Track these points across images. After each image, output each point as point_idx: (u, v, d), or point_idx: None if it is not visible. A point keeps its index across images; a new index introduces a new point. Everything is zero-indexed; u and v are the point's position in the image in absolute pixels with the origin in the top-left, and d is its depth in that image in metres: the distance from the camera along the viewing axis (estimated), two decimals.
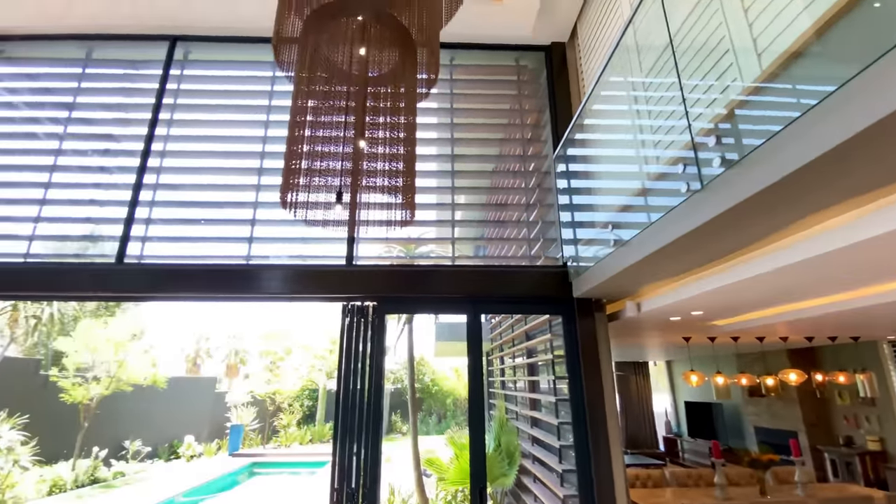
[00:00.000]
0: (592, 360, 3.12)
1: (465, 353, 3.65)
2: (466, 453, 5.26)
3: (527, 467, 4.70)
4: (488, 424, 6.22)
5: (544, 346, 4.27)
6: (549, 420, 4.08)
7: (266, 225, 3.44)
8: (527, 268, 3.36)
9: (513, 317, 5.05)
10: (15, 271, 3.24)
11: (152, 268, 3.25)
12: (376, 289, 3.28)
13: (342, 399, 3.16)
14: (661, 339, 6.18)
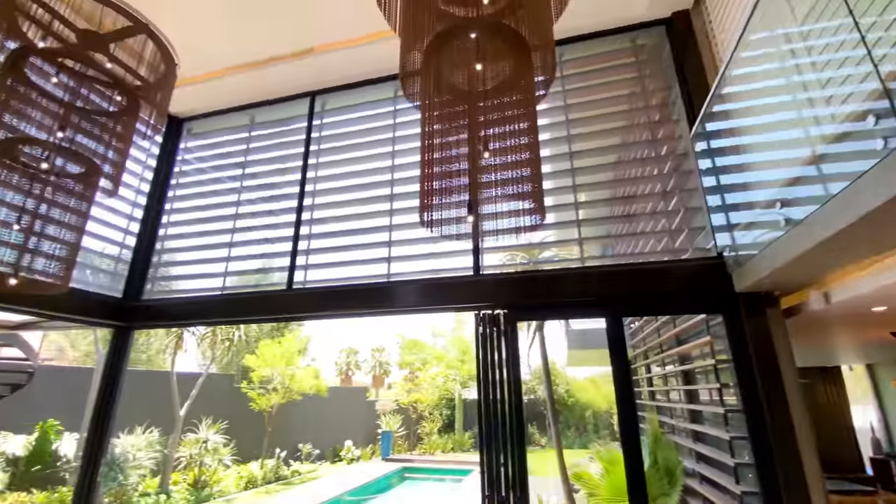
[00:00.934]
0: (769, 365, 2.67)
1: (601, 361, 3.38)
2: (618, 468, 4.91)
3: (692, 487, 4.19)
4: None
5: (700, 350, 3.79)
6: (717, 434, 3.59)
7: (401, 245, 3.73)
8: (671, 263, 3.05)
9: (658, 320, 4.60)
10: (215, 302, 4.04)
11: (314, 291, 3.77)
12: (505, 297, 3.29)
13: (483, 408, 3.22)
14: (856, 336, 5.02)
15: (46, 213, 2.41)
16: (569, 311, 3.49)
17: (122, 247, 4.24)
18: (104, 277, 4.20)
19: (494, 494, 3.00)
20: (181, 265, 4.38)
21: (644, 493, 2.94)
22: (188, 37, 2.60)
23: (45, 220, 2.41)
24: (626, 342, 5.98)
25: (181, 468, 9.72)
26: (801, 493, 2.44)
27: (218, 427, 10.33)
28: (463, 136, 1.67)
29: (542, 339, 4.77)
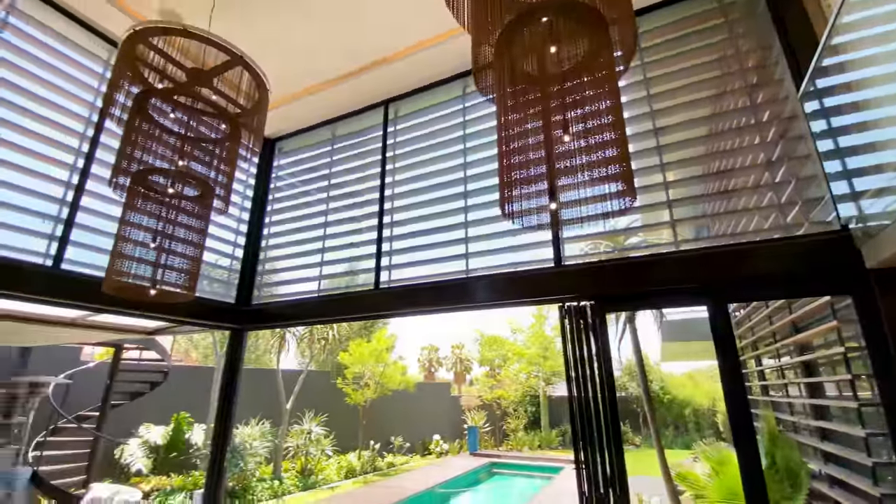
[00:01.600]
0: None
1: (701, 354, 3.08)
2: (728, 469, 4.51)
3: (821, 491, 3.71)
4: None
5: (824, 338, 3.35)
6: (849, 431, 3.14)
7: (478, 241, 3.76)
8: (783, 240, 2.72)
9: (768, 306, 4.13)
10: (312, 303, 4.38)
11: (398, 290, 3.94)
12: (591, 287, 3.17)
13: (576, 405, 3.12)
14: None
15: (173, 232, 2.79)
16: (664, 299, 3.27)
17: (231, 258, 4.76)
18: (218, 286, 4.74)
19: (592, 492, 2.91)
20: (281, 272, 4.81)
21: (764, 497, 2.67)
22: (271, 63, 2.84)
23: (172, 238, 2.78)
24: None
25: (289, 457, 10.70)
26: None
27: (319, 420, 11.21)
28: (540, 123, 1.64)
29: (634, 331, 4.48)
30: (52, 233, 3.34)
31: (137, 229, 2.66)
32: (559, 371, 17.94)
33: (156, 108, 2.72)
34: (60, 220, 3.39)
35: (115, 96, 2.54)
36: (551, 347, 18.26)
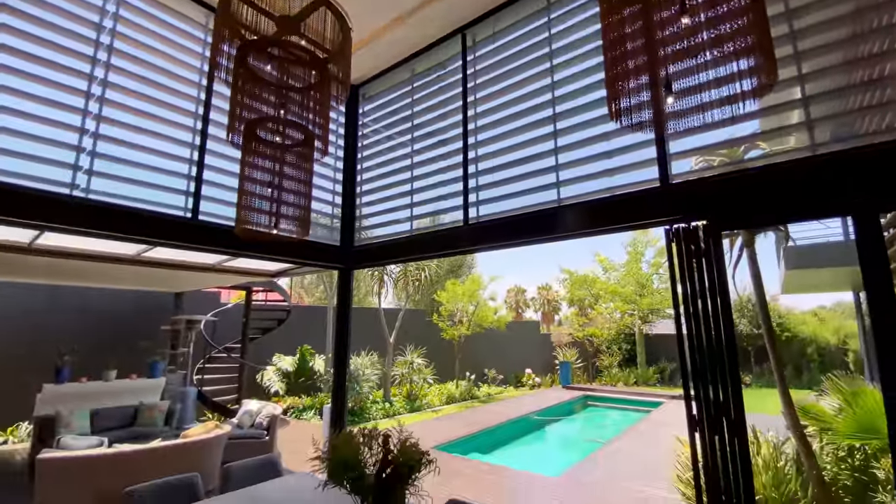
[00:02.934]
0: None
1: (830, 285, 2.66)
2: (864, 402, 4.06)
3: None
4: None
5: None
6: None
7: (569, 167, 3.58)
8: None
9: None
10: (406, 242, 4.60)
11: (487, 224, 3.96)
12: (704, 205, 2.88)
13: (685, 336, 2.96)
14: None
15: (283, 177, 3.05)
16: (795, 213, 2.85)
17: (332, 205, 5.13)
18: (324, 231, 5.17)
19: (703, 416, 2.82)
20: (376, 215, 5.08)
21: None
22: (346, 5, 2.82)
23: (284, 179, 3.04)
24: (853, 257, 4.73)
25: (396, 384, 11.91)
26: None
27: (419, 352, 12.20)
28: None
29: (753, 256, 3.98)
30: (186, 188, 3.85)
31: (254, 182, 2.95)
32: (656, 309, 17.08)
33: (254, 61, 2.90)
34: (192, 178, 3.89)
35: (218, 58, 2.73)
36: (648, 285, 17.32)
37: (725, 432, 2.73)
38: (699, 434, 2.82)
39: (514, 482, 5.82)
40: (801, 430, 3.60)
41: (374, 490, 1.83)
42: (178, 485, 2.74)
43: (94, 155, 3.41)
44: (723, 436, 2.74)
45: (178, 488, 2.71)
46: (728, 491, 2.68)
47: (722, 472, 2.71)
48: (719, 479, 2.71)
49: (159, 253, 5.07)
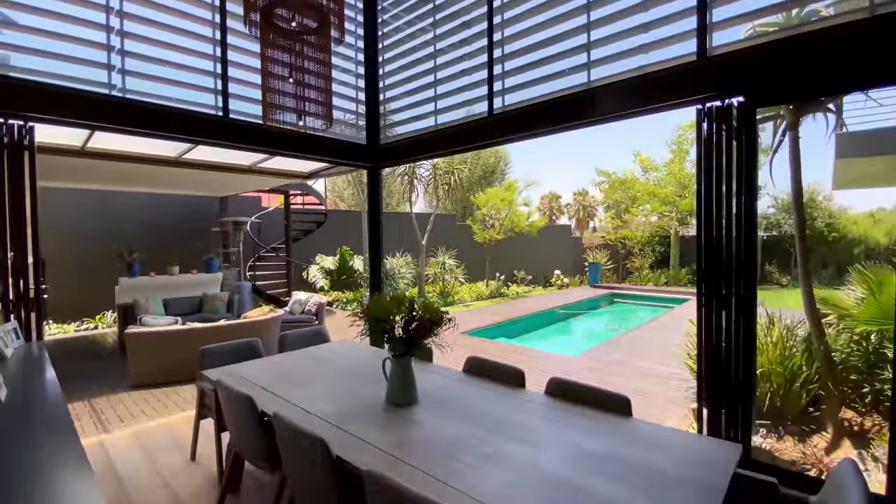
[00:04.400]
0: None
1: (889, 177, 2.48)
2: (888, 290, 4.08)
3: None
4: None
5: None
6: None
7: (602, 46, 3.35)
8: None
9: None
10: (431, 137, 4.59)
11: (513, 112, 3.87)
12: (741, 80, 2.70)
13: (705, 226, 2.97)
14: None
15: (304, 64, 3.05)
16: (852, 80, 2.60)
17: (356, 101, 5.08)
18: (350, 130, 5.20)
19: (712, 314, 2.93)
20: (401, 111, 5.02)
21: None
22: None
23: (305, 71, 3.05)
24: None
25: (429, 282, 12.66)
26: None
27: (451, 254, 12.71)
28: None
29: (796, 140, 3.67)
30: (214, 86, 3.93)
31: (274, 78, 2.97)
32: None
33: None
34: (218, 75, 3.93)
35: None
36: (690, 185, 16.53)
37: (733, 309, 2.88)
38: (705, 309, 2.98)
39: (533, 358, 6.42)
40: (815, 315, 3.70)
41: (403, 340, 2.15)
42: (242, 346, 3.27)
43: (123, 53, 3.49)
44: (730, 312, 2.89)
45: (243, 348, 3.24)
46: (728, 362, 2.90)
47: (725, 346, 2.91)
48: (721, 351, 2.92)
49: (197, 154, 5.34)
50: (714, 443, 1.80)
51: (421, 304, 2.17)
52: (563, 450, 1.69)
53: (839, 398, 3.65)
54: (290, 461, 1.90)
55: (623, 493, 1.38)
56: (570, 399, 2.21)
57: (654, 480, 1.45)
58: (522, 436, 1.82)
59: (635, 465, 1.56)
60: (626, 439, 1.77)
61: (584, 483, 1.44)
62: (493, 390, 2.40)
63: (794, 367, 3.61)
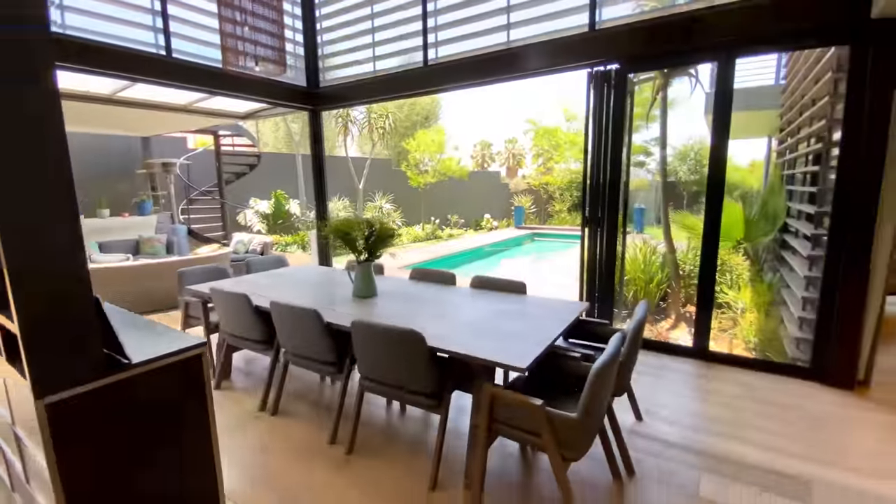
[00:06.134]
0: (879, 100, 2.68)
1: (749, 130, 3.40)
2: (728, 214, 5.39)
3: (790, 226, 4.58)
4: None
5: None
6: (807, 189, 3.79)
7: (520, 9, 3.98)
8: None
9: None
10: (370, 83, 5.02)
11: (445, 65, 4.44)
12: (619, 50, 3.53)
13: (590, 173, 3.90)
14: None
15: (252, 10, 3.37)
16: (681, 58, 3.56)
17: (294, 44, 5.28)
18: (290, 72, 5.42)
19: (594, 232, 3.94)
20: (340, 54, 5.32)
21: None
22: None
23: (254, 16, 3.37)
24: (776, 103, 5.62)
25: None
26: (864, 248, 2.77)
27: (388, 198, 13.19)
28: None
29: (665, 99, 4.73)
30: (153, 24, 4.01)
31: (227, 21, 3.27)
32: None
33: None
34: (158, 13, 4.00)
35: None
36: None
37: (605, 232, 3.91)
38: (588, 232, 3.99)
39: None
40: (669, 238, 4.92)
41: (364, 247, 2.84)
42: (213, 270, 3.76)
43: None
44: (602, 234, 3.93)
45: (214, 271, 3.74)
46: (600, 271, 3.97)
47: (598, 258, 3.96)
48: (596, 262, 3.97)
49: (133, 93, 5.27)
50: (575, 304, 2.76)
51: (378, 223, 2.86)
52: (479, 311, 2.56)
53: (682, 296, 4.99)
54: (287, 334, 2.59)
55: (513, 325, 2.27)
56: (487, 287, 3.10)
57: (534, 320, 2.36)
58: (454, 307, 2.66)
59: (524, 314, 2.47)
60: (521, 304, 2.68)
61: (492, 324, 2.31)
62: (433, 287, 3.21)
63: (652, 273, 4.87)
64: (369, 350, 2.17)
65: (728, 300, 4.58)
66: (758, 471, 2.13)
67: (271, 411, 2.77)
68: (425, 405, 2.13)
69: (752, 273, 5.05)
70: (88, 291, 1.32)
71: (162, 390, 1.53)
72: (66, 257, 1.27)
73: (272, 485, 2.10)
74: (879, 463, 2.17)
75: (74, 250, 1.29)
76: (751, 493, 1.97)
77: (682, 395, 2.97)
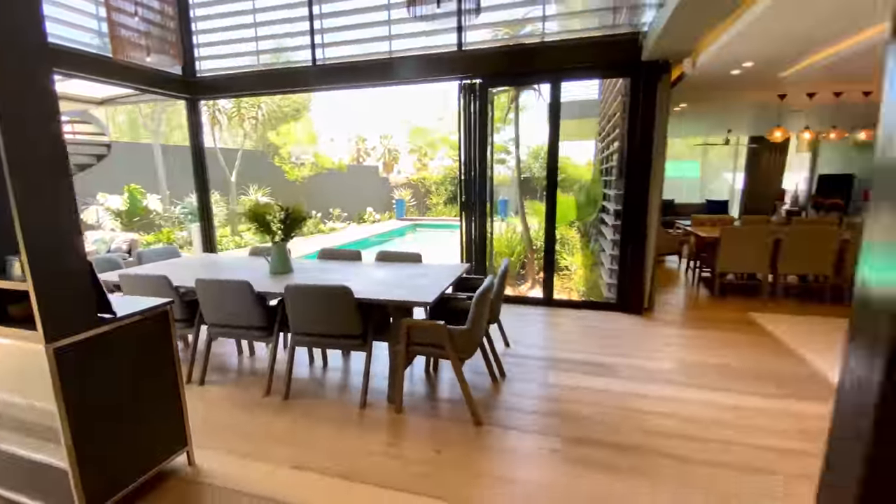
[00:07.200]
0: (647, 115, 4.02)
1: (582, 134, 4.53)
2: (562, 203, 6.82)
3: (606, 207, 6.12)
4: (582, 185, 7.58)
5: None
6: (610, 178, 5.29)
7: (400, 23, 4.63)
8: (602, 37, 4.05)
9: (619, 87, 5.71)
10: (255, 76, 5.17)
11: (332, 66, 4.87)
12: (482, 68, 4.43)
13: (463, 168, 4.76)
14: (742, 100, 5.98)
15: None
16: (527, 79, 4.65)
17: (166, 30, 5.11)
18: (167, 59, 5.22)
19: (468, 204, 4.83)
20: (222, 44, 5.31)
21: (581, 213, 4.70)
22: None
23: None
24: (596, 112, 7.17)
25: (242, 222, 12.45)
26: (643, 206, 4.12)
27: (263, 192, 12.67)
28: None
29: (517, 108, 5.95)
30: None
31: None
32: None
33: None
34: None
35: None
36: None
37: (477, 216, 4.83)
38: (464, 218, 4.88)
39: None
40: (525, 221, 6.13)
41: (280, 229, 3.22)
42: (104, 260, 3.66)
43: None
44: (475, 220, 4.85)
45: (105, 261, 3.64)
46: (475, 247, 4.89)
47: (473, 238, 4.88)
48: (472, 242, 4.89)
49: None
50: (460, 265, 3.55)
51: (292, 207, 3.26)
52: (387, 274, 3.18)
53: (536, 264, 6.27)
54: (213, 309, 2.86)
55: (416, 281, 2.95)
56: (389, 260, 3.73)
57: (431, 277, 3.08)
58: (366, 273, 3.23)
59: (423, 274, 3.17)
60: (420, 269, 3.38)
61: (400, 281, 2.95)
62: (342, 262, 3.72)
63: (513, 247, 6.03)
64: (302, 308, 2.64)
65: (566, 263, 5.98)
66: (584, 364, 3.19)
67: (198, 382, 3.00)
68: (354, 346, 2.69)
69: (582, 243, 6.59)
70: (84, 262, 1.64)
71: (141, 337, 1.86)
72: (67, 236, 1.60)
73: (220, 428, 2.45)
74: (653, 352, 3.42)
75: (72, 231, 1.61)
76: (578, 374, 3.00)
77: (536, 329, 4.02)
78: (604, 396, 2.72)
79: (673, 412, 2.52)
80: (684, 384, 2.87)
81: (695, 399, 2.67)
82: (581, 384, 2.89)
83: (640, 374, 3.03)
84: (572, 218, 6.59)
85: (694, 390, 2.78)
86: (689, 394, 2.73)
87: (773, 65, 3.80)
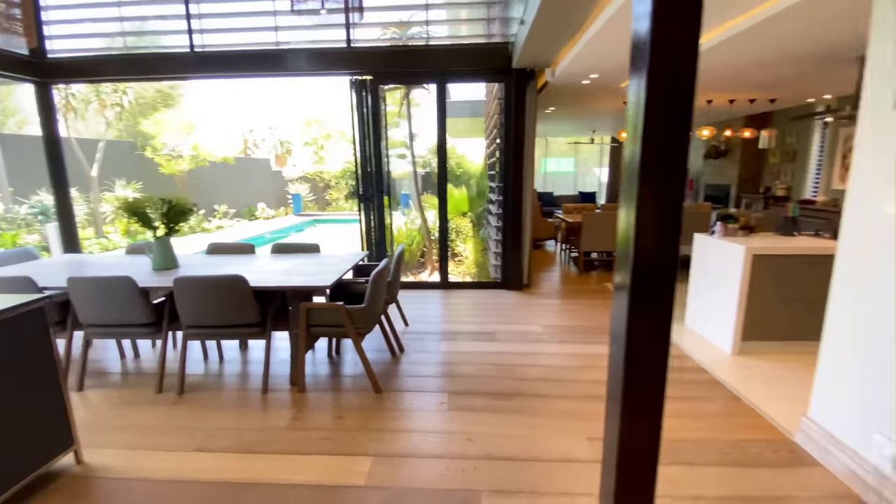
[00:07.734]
0: (518, 116, 4.61)
1: (474, 132, 4.89)
2: (454, 196, 7.33)
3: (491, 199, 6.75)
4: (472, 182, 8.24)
5: None
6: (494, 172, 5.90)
7: (286, 15, 4.61)
8: (481, 45, 4.53)
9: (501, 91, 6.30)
10: (122, 60, 4.76)
11: (214, 54, 4.68)
12: (371, 66, 4.63)
13: (360, 162, 4.94)
14: (603, 106, 7.12)
15: None
16: (415, 79, 4.98)
17: (12, 5, 4.44)
18: (15, 38, 4.51)
19: (365, 196, 5.03)
20: (78, 22, 4.74)
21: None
22: None
23: None
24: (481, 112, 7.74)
25: (109, 222, 10.96)
26: (519, 195, 4.71)
27: (134, 187, 11.26)
28: None
29: (408, 104, 6.26)
30: None
31: None
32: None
33: None
34: None
35: None
36: None
37: (375, 209, 5.06)
38: (363, 210, 5.07)
39: None
40: (423, 213, 6.50)
41: (163, 223, 3.11)
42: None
43: None
44: (373, 211, 5.07)
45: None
46: (374, 238, 5.11)
47: (372, 228, 5.10)
48: (371, 232, 5.10)
49: None
50: (359, 252, 3.76)
51: (175, 198, 3.17)
52: (285, 264, 3.27)
53: (434, 252, 6.69)
54: (90, 309, 2.71)
55: (315, 269, 3.10)
56: (285, 252, 3.79)
57: (330, 265, 3.24)
58: (261, 265, 3.28)
59: (322, 262, 3.32)
60: (318, 258, 3.51)
61: (298, 269, 3.08)
62: (234, 256, 3.68)
63: (412, 238, 6.38)
64: (193, 301, 2.64)
65: (459, 251, 6.50)
66: (471, 334, 3.63)
67: (76, 388, 2.81)
68: (252, 334, 2.76)
69: (474, 232, 7.19)
70: None
71: (13, 336, 1.80)
72: None
73: (110, 427, 2.38)
74: (528, 320, 3.99)
75: None
76: (466, 342, 3.43)
77: (432, 308, 4.40)
78: (486, 357, 3.18)
79: (538, 363, 3.07)
80: (548, 342, 3.46)
81: (555, 352, 3.26)
82: (468, 349, 3.32)
83: (516, 337, 3.56)
84: (465, 209, 7.14)
85: (555, 345, 3.38)
86: (551, 348, 3.33)
87: (615, 76, 4.62)
